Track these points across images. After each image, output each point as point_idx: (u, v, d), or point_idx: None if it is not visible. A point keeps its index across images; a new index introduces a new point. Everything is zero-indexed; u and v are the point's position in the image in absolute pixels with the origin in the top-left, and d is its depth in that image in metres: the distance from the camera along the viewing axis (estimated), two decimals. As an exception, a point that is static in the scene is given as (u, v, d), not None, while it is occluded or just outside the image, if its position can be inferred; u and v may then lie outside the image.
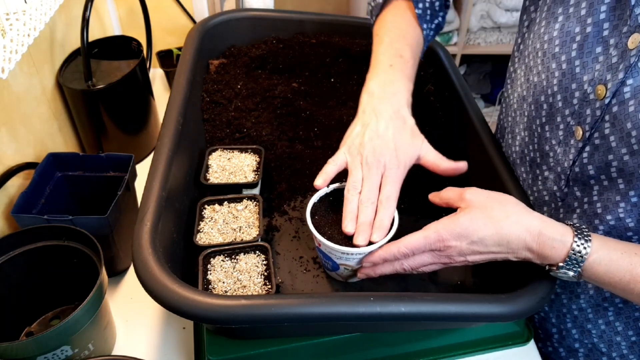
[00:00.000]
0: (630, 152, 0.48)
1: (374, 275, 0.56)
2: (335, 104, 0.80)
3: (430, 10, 0.69)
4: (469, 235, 0.50)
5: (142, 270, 0.48)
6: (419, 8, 0.68)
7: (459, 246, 0.51)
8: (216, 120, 0.76)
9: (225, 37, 0.85)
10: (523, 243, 0.50)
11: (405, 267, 0.54)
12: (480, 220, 0.50)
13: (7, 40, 0.60)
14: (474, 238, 0.50)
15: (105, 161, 0.72)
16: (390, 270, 0.55)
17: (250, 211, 0.63)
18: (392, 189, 0.56)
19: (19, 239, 0.61)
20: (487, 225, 0.50)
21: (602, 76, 0.50)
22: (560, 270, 0.50)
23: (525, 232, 0.50)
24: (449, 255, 0.52)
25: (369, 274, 0.56)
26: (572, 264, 0.49)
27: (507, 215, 0.51)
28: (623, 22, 0.49)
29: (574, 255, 0.49)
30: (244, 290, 0.55)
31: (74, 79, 0.83)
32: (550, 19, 0.56)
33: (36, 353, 0.53)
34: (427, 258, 0.53)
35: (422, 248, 0.52)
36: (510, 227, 0.50)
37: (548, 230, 0.50)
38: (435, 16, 0.70)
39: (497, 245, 0.51)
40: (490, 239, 0.50)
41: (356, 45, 0.85)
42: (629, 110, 0.47)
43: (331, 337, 0.58)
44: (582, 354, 0.64)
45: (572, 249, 0.48)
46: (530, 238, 0.50)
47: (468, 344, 0.63)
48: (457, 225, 0.51)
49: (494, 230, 0.50)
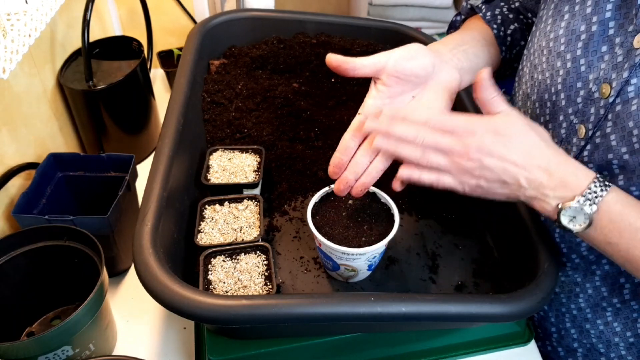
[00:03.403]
0: (631, 151, 0.48)
1: (382, 130, 0.51)
2: (335, 104, 0.80)
3: (501, 17, 0.69)
4: (500, 130, 0.48)
5: (143, 270, 0.48)
6: (486, 16, 0.70)
7: (484, 140, 0.48)
8: (217, 120, 0.76)
9: (226, 38, 0.85)
10: (545, 162, 0.48)
11: (418, 137, 0.49)
12: (515, 126, 0.48)
13: (8, 41, 0.60)
14: (501, 135, 0.48)
15: (106, 161, 0.73)
16: (402, 131, 0.50)
17: (250, 211, 0.63)
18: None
19: (20, 239, 0.61)
20: (518, 133, 0.48)
21: (607, 75, 0.50)
22: (579, 203, 0.46)
23: (551, 155, 0.48)
24: (467, 145, 0.48)
25: (378, 127, 0.51)
26: (591, 197, 0.46)
27: (542, 140, 0.49)
28: (629, 21, 0.49)
29: (596, 186, 0.46)
30: (245, 290, 0.55)
31: (74, 79, 0.83)
32: (556, 17, 0.56)
33: (37, 353, 0.53)
34: (444, 140, 0.49)
35: (447, 127, 0.49)
36: (542, 148, 0.48)
37: (572, 162, 0.48)
38: (511, 23, 0.70)
39: (520, 155, 0.48)
40: (517, 143, 0.48)
41: (357, 46, 0.85)
42: (632, 109, 0.48)
43: (331, 337, 0.58)
44: (581, 353, 0.64)
45: (594, 181, 0.47)
46: (555, 161, 0.48)
47: (468, 344, 0.63)
48: (492, 121, 0.48)
49: (523, 138, 0.48)
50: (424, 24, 2.06)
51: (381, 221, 0.59)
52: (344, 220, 0.58)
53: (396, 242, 0.66)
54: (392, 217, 0.58)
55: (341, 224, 0.58)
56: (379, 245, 0.55)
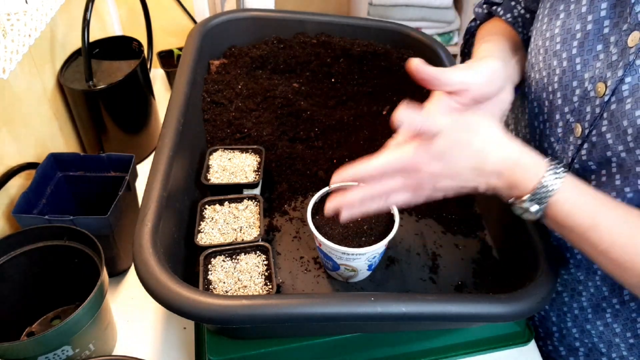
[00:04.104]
0: (627, 150, 0.49)
1: (344, 205, 0.50)
2: (335, 104, 0.80)
3: (521, 19, 0.69)
4: (443, 154, 0.48)
5: (143, 271, 0.48)
6: (507, 17, 0.68)
7: (432, 170, 0.48)
8: (217, 120, 0.77)
9: (226, 37, 0.85)
10: (497, 170, 0.49)
11: (373, 193, 0.50)
12: (456, 145, 0.48)
13: (8, 41, 0.60)
14: (446, 159, 0.48)
15: (106, 161, 0.73)
16: (360, 196, 0.50)
17: (250, 211, 0.63)
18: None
19: (20, 239, 0.61)
20: (461, 150, 0.48)
21: (602, 74, 0.50)
22: (526, 203, 0.49)
23: (501, 160, 0.48)
24: (420, 178, 0.49)
25: (338, 205, 0.50)
26: (539, 197, 0.48)
27: (486, 142, 0.49)
28: (623, 19, 0.49)
29: (543, 189, 0.47)
30: (245, 290, 0.55)
31: (74, 79, 0.83)
32: (552, 16, 0.56)
33: (37, 353, 0.53)
34: (398, 182, 0.50)
35: (394, 166, 0.49)
36: (489, 153, 0.48)
37: (524, 159, 0.48)
38: (530, 24, 0.69)
39: (472, 170, 0.49)
40: (463, 160, 0.48)
41: (357, 46, 0.85)
42: (626, 108, 0.48)
43: (331, 337, 0.58)
44: (583, 353, 0.64)
45: (542, 183, 0.47)
46: (505, 166, 0.48)
47: (468, 344, 0.63)
48: (432, 147, 0.48)
49: (468, 151, 0.48)
50: (424, 24, 2.06)
51: (381, 221, 0.59)
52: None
53: (396, 242, 0.66)
54: (392, 217, 0.58)
55: (341, 224, 0.58)
56: (379, 245, 0.55)
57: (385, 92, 0.81)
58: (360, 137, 0.76)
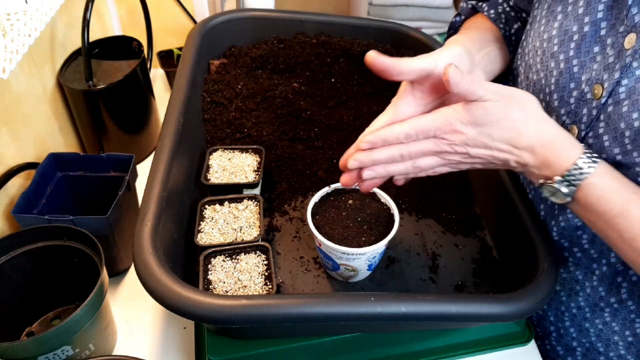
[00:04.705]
0: (623, 152, 0.49)
1: (367, 162, 0.50)
2: (335, 104, 0.80)
3: (505, 16, 0.68)
4: (478, 120, 0.47)
5: (143, 270, 0.48)
6: (490, 14, 0.68)
7: (467, 134, 0.48)
8: (217, 120, 0.77)
9: (226, 37, 0.86)
10: (531, 145, 0.48)
11: (404, 153, 0.49)
12: (497, 113, 0.47)
13: (8, 40, 0.60)
14: (481, 125, 0.47)
15: (106, 161, 0.73)
16: (386, 155, 0.49)
17: (250, 211, 0.63)
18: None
19: (20, 239, 0.61)
20: (503, 120, 0.47)
21: (599, 76, 0.50)
22: (556, 183, 0.48)
23: (538, 136, 0.48)
24: (452, 143, 0.48)
25: (363, 160, 0.50)
26: (571, 179, 0.47)
27: (525, 116, 0.48)
28: (620, 21, 0.49)
29: (577, 170, 0.47)
30: (245, 290, 0.55)
31: (74, 79, 0.83)
32: (549, 17, 0.56)
33: (37, 353, 0.53)
34: (429, 145, 0.49)
35: (428, 131, 0.48)
36: (526, 127, 0.48)
37: (560, 139, 0.48)
38: (514, 21, 0.69)
39: (504, 141, 0.48)
40: (498, 130, 0.48)
41: (356, 46, 0.85)
42: (623, 110, 0.48)
43: (331, 337, 0.58)
44: (580, 352, 0.64)
45: (576, 164, 0.47)
46: (540, 143, 0.48)
47: (468, 344, 0.63)
48: (470, 112, 0.47)
49: (504, 122, 0.47)
50: (424, 24, 2.06)
51: (381, 221, 0.59)
52: (344, 220, 0.58)
53: (396, 242, 0.66)
54: (392, 217, 0.58)
55: (341, 224, 0.58)
56: (379, 245, 0.55)
57: (385, 92, 0.81)
58: (360, 137, 0.76)
